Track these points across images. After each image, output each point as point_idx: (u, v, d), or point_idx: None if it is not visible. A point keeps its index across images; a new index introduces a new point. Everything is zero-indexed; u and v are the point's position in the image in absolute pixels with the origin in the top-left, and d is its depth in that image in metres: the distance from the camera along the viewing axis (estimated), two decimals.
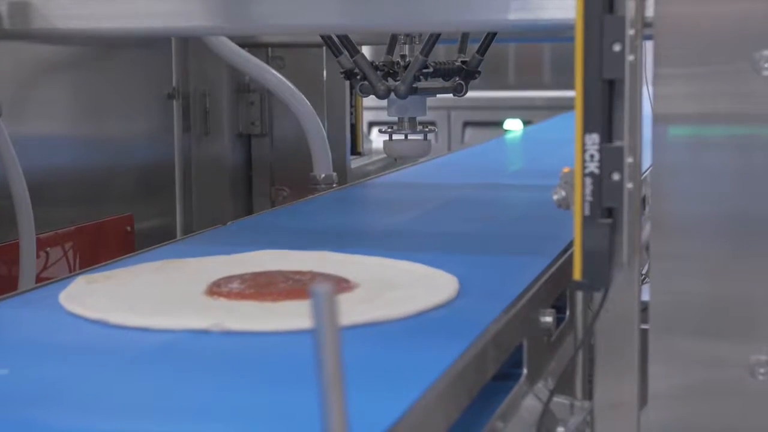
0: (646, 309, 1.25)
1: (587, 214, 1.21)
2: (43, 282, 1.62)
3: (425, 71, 1.98)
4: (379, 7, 1.49)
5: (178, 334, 1.18)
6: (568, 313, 1.50)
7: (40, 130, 2.43)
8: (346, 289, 1.32)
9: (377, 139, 2.82)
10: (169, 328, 1.19)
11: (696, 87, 1.20)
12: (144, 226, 2.74)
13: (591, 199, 1.20)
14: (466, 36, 2.12)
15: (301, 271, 1.39)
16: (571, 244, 1.23)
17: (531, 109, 5.77)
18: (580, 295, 1.34)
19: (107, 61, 2.66)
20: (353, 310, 1.23)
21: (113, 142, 2.69)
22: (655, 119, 1.21)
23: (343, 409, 0.75)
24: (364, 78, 1.98)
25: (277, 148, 3.26)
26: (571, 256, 1.23)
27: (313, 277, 1.36)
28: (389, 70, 2.02)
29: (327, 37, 2.00)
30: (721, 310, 1.22)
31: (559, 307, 1.48)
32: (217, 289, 1.32)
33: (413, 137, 2.07)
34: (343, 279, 1.36)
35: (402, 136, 2.07)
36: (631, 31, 1.19)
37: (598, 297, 1.25)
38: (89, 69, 2.60)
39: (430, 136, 2.09)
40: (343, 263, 1.47)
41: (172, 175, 2.95)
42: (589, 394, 1.32)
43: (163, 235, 2.61)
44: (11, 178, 2.11)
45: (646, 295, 1.25)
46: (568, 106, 1.74)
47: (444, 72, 2.02)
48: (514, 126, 5.53)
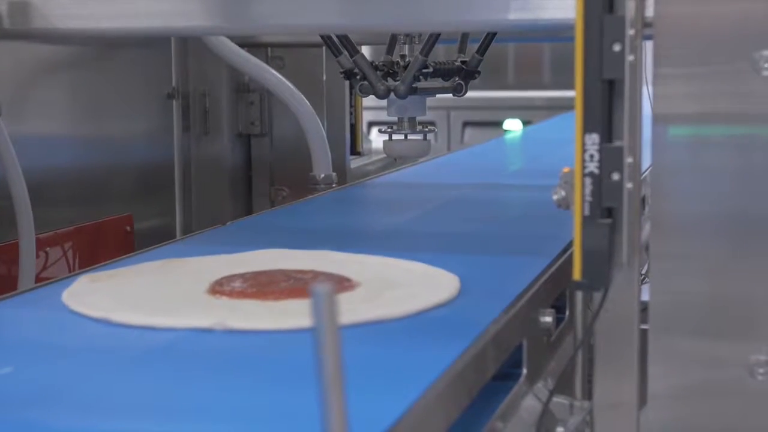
0: (645, 309, 1.25)
1: (587, 214, 1.21)
2: (43, 282, 1.61)
3: (425, 71, 1.98)
4: (379, 7, 1.49)
5: (181, 332, 1.18)
6: (567, 313, 1.50)
7: (40, 130, 2.43)
8: (347, 288, 1.32)
9: (377, 139, 2.82)
10: (172, 327, 1.19)
11: (696, 87, 1.20)
12: (143, 226, 2.74)
13: (591, 199, 1.20)
14: (465, 36, 2.12)
15: (303, 270, 1.39)
16: (571, 244, 1.23)
17: (530, 109, 5.77)
18: (579, 295, 1.34)
19: (107, 61, 2.66)
20: (354, 308, 1.23)
21: (113, 142, 2.69)
22: (655, 119, 1.21)
23: (343, 408, 0.75)
24: (364, 78, 1.98)
25: (277, 148, 3.26)
26: (571, 256, 1.23)
27: (315, 276, 1.36)
28: (389, 70, 2.02)
29: (327, 37, 2.00)
30: (720, 310, 1.22)
31: (558, 307, 1.48)
32: (220, 288, 1.32)
33: (413, 137, 2.07)
34: (345, 278, 1.36)
35: (402, 136, 2.07)
36: (631, 31, 1.19)
37: (598, 297, 1.25)
38: (89, 69, 2.60)
39: (430, 136, 2.09)
40: (345, 262, 1.47)
41: (171, 175, 2.94)
42: (588, 394, 1.32)
43: (162, 235, 2.61)
44: (11, 178, 2.11)
45: (646, 295, 1.25)
46: (568, 106, 1.75)
47: (444, 72, 2.02)
48: (513, 126, 5.52)
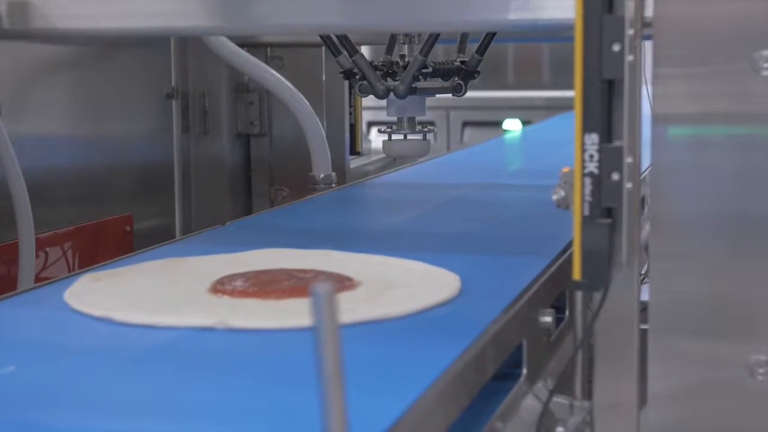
0: (645, 309, 1.25)
1: (587, 214, 1.21)
2: (43, 282, 1.61)
3: (424, 71, 1.98)
4: (379, 7, 1.49)
5: (183, 331, 1.18)
6: (567, 313, 1.50)
7: (40, 130, 2.43)
8: (348, 287, 1.32)
9: (376, 138, 2.82)
10: (174, 326, 1.19)
11: (695, 87, 1.20)
12: (143, 226, 2.74)
13: (590, 199, 1.20)
14: (465, 36, 2.12)
15: (304, 270, 1.39)
16: (571, 244, 1.23)
17: (530, 109, 5.76)
18: (579, 295, 1.34)
19: (107, 61, 2.66)
20: (355, 308, 1.23)
21: (112, 142, 2.69)
22: (655, 119, 1.21)
23: (343, 408, 0.75)
24: (363, 78, 1.98)
25: (276, 148, 3.26)
26: (571, 256, 1.23)
27: (316, 276, 1.36)
28: (388, 70, 2.02)
29: (326, 37, 2.00)
30: (720, 310, 1.22)
31: (558, 307, 1.48)
32: (221, 287, 1.32)
33: (412, 137, 2.07)
34: (346, 277, 1.36)
35: (401, 136, 2.07)
36: (631, 31, 1.19)
37: (598, 297, 1.25)
38: (89, 69, 2.60)
39: (429, 136, 2.09)
40: (346, 262, 1.47)
41: (171, 175, 2.94)
42: (588, 394, 1.32)
43: (162, 235, 2.61)
44: (10, 177, 2.11)
45: (646, 295, 1.25)
46: (568, 106, 1.75)
47: (443, 72, 2.02)
48: (513, 126, 5.52)
